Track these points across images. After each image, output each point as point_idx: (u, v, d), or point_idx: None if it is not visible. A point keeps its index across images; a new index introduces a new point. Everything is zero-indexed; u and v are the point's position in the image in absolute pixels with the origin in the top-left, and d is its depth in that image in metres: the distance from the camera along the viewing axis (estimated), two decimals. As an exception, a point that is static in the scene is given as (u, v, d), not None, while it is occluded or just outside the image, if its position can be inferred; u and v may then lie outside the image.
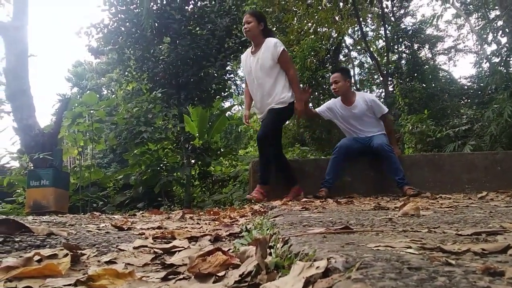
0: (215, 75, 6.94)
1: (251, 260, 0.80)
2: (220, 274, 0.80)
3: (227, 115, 9.81)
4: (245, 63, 3.77)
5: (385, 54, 12.08)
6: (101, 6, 6.72)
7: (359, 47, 16.27)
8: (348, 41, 16.15)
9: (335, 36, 11.26)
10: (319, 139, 11.24)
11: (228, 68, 7.76)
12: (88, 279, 0.76)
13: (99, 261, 1.01)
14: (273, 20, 11.57)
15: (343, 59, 16.03)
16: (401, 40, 13.05)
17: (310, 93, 4.27)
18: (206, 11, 7.04)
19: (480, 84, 11.68)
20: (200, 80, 6.85)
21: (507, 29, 8.28)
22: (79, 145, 7.20)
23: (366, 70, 17.31)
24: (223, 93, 7.55)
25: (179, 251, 1.11)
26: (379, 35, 14.87)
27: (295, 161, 4.61)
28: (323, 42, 11.06)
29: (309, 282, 0.56)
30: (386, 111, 3.91)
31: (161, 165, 6.55)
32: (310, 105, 7.75)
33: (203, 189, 8.35)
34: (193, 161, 7.40)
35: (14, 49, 6.53)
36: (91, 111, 6.70)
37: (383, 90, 12.22)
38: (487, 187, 3.70)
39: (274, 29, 12.12)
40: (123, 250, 1.15)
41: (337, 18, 10.22)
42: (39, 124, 6.45)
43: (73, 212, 5.54)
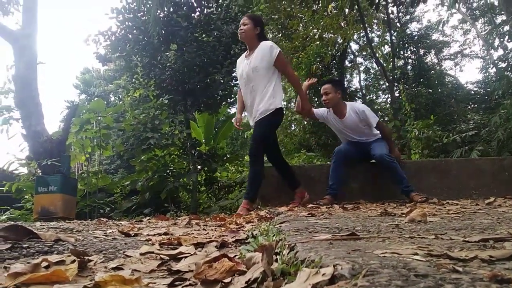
0: (221, 81, 6.97)
1: (257, 266, 0.80)
2: (226, 280, 0.80)
3: (233, 121, 9.82)
4: (238, 66, 3.71)
5: (391, 59, 12.07)
6: (108, 14, 6.80)
7: (364, 53, 16.27)
8: (353, 46, 16.18)
9: (340, 42, 11.27)
10: (325, 144, 11.22)
11: (234, 74, 7.80)
12: (95, 285, 0.77)
13: (106, 267, 1.01)
14: (279, 26, 11.63)
15: (349, 65, 16.05)
16: (407, 45, 13.04)
17: (315, 82, 4.20)
18: (212, 18, 7.09)
19: (487, 89, 11.62)
20: (206, 86, 6.88)
21: (514, 34, 8.24)
22: (87, 152, 7.25)
23: (372, 75, 17.29)
24: (229, 99, 7.57)
25: (186, 257, 1.11)
26: (385, 41, 14.87)
27: (301, 167, 4.61)
28: (329, 48, 11.07)
29: (315, 289, 0.56)
30: (377, 120, 3.81)
31: (168, 171, 6.58)
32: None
33: (209, 195, 8.35)
34: (199, 167, 7.41)
35: (23, 56, 6.61)
36: (99, 118, 6.75)
37: (389, 95, 12.18)
38: (494, 193, 3.67)
39: (279, 35, 12.18)
40: (130, 256, 1.15)
41: (342, 24, 10.24)
42: (47, 130, 6.50)
43: (80, 218, 5.56)
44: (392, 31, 12.40)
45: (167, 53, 7.10)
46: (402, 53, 13.51)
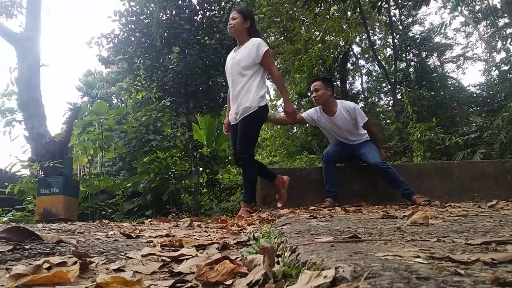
0: (223, 83, 6.98)
1: (258, 268, 0.79)
2: (227, 282, 0.80)
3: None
4: (227, 61, 3.60)
5: (393, 62, 12.05)
6: (111, 16, 6.83)
7: (367, 56, 16.26)
8: (355, 49, 16.18)
9: (342, 44, 11.26)
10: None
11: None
12: (96, 287, 0.77)
13: (107, 269, 1.01)
14: (281, 29, 11.63)
15: (351, 68, 16.04)
16: (409, 48, 13.01)
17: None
18: (214, 21, 7.11)
19: (489, 91, 11.60)
20: (208, 89, 6.90)
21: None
22: (89, 153, 7.27)
23: (374, 78, 17.28)
24: (231, 102, 7.58)
25: (187, 259, 1.11)
26: (387, 43, 14.87)
27: (303, 169, 4.60)
28: (331, 50, 11.07)
29: (316, 291, 0.55)
30: (366, 119, 3.82)
31: (170, 173, 6.59)
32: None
33: (211, 197, 8.36)
34: (201, 169, 7.43)
35: (26, 59, 6.64)
36: (101, 120, 6.78)
37: (391, 98, 12.17)
38: (497, 196, 3.66)
39: (281, 38, 12.19)
40: (131, 258, 1.15)
41: (344, 26, 10.24)
42: (50, 132, 6.52)
43: (82, 219, 5.58)
44: (394, 34, 12.40)
45: (170, 56, 7.12)
46: (404, 55, 13.49)
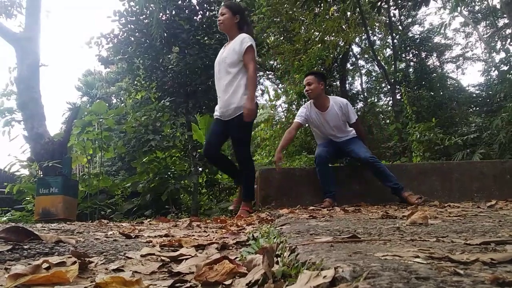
0: (223, 83, 6.98)
1: (258, 268, 0.79)
2: (227, 282, 0.80)
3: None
4: (216, 58, 3.53)
5: (393, 62, 12.05)
6: (111, 16, 6.83)
7: (366, 56, 16.26)
8: (355, 49, 16.18)
9: (342, 44, 11.26)
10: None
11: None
12: (95, 287, 0.77)
13: (106, 269, 1.01)
14: (281, 29, 11.63)
15: (351, 68, 16.05)
16: (408, 48, 13.02)
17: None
18: (214, 21, 7.11)
19: (488, 92, 11.60)
20: (208, 88, 6.89)
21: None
22: (88, 153, 7.26)
23: (373, 78, 17.28)
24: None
25: (186, 259, 1.11)
26: (387, 44, 14.88)
27: (302, 169, 4.60)
28: (330, 50, 11.07)
29: (316, 291, 0.55)
30: (356, 117, 3.91)
31: (169, 173, 6.58)
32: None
33: (210, 197, 8.35)
34: (200, 169, 7.42)
35: (25, 59, 6.63)
36: (100, 120, 6.77)
37: (391, 98, 12.17)
38: (496, 196, 3.66)
39: (281, 38, 12.19)
40: (130, 258, 1.15)
41: (344, 27, 10.24)
42: (49, 132, 6.52)
43: (81, 219, 5.57)
44: (394, 34, 12.41)
45: (169, 56, 7.12)
46: (403, 56, 13.50)
